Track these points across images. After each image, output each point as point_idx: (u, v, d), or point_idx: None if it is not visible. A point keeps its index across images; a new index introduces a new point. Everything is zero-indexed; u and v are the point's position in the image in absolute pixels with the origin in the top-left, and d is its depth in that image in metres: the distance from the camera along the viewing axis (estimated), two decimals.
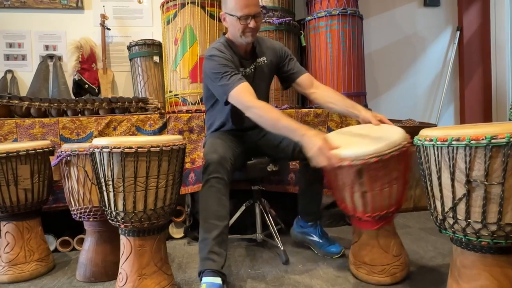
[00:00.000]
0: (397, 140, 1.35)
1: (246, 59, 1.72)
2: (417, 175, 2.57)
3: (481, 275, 1.07)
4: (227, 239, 1.46)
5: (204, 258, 1.40)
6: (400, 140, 1.36)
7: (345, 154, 1.32)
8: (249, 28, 1.58)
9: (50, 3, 2.88)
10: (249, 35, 1.60)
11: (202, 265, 1.40)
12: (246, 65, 1.71)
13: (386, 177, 1.37)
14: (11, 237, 1.66)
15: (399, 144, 1.35)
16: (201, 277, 1.39)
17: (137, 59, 2.75)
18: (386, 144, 1.33)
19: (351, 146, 1.38)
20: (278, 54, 1.77)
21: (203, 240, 1.43)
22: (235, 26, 1.60)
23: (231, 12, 1.58)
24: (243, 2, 1.54)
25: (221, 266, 1.39)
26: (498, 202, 0.98)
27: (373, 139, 1.39)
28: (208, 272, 1.37)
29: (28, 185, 1.64)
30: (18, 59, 2.88)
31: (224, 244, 1.43)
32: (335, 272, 1.60)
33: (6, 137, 2.01)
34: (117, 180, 1.29)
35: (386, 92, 3.36)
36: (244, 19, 1.56)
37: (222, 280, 1.37)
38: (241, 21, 1.56)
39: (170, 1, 2.37)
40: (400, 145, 1.35)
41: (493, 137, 0.95)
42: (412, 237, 2.04)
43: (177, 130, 2.19)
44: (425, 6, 3.39)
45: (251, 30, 1.59)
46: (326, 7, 2.58)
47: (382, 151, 1.31)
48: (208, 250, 1.40)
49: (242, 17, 1.56)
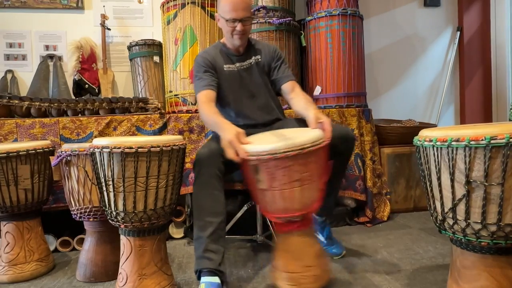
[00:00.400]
0: (301, 141, 1.28)
1: (239, 56, 1.75)
2: (417, 175, 2.58)
3: (481, 275, 1.07)
4: (223, 235, 1.43)
5: (200, 257, 1.38)
6: (304, 142, 1.28)
7: (247, 149, 1.30)
8: (236, 31, 1.63)
9: (51, 3, 2.88)
10: (237, 37, 1.65)
11: (198, 264, 1.39)
12: (237, 61, 1.74)
13: (285, 178, 1.31)
14: (11, 237, 1.66)
15: (301, 145, 1.27)
16: (198, 276, 1.38)
17: (137, 59, 2.75)
18: (284, 144, 1.27)
19: (260, 143, 1.34)
20: (271, 55, 1.78)
21: (197, 239, 1.41)
22: (224, 28, 1.67)
23: (221, 14, 1.65)
24: (231, 6, 1.59)
25: (218, 264, 1.37)
26: (498, 202, 0.98)
27: (282, 139, 1.34)
28: (206, 271, 1.36)
29: (28, 185, 1.65)
30: (19, 59, 2.88)
31: (221, 241, 1.41)
32: (334, 274, 1.60)
33: (6, 137, 2.01)
34: (117, 180, 1.29)
35: (386, 92, 3.37)
36: (232, 22, 1.61)
37: (220, 278, 1.36)
38: (229, 23, 1.62)
39: (170, 1, 2.37)
40: (301, 147, 1.27)
41: (493, 138, 0.95)
42: (412, 237, 2.04)
43: (177, 130, 2.20)
44: (425, 6, 3.39)
45: (238, 33, 1.63)
46: (327, 7, 2.58)
47: (277, 149, 1.26)
48: (203, 249, 1.38)
49: (229, 20, 1.61)
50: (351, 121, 2.42)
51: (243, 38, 1.67)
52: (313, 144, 1.30)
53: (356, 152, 2.37)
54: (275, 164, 1.29)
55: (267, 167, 1.31)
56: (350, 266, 1.66)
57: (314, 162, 1.35)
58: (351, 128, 2.40)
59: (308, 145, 1.29)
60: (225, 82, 1.72)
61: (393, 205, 2.55)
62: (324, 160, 1.40)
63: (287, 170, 1.30)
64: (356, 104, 2.56)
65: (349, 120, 2.42)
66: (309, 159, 1.31)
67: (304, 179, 1.33)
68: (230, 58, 1.75)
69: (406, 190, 2.61)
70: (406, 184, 2.60)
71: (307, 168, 1.32)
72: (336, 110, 2.42)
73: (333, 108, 2.49)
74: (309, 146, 1.29)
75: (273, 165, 1.30)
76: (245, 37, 1.68)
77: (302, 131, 1.46)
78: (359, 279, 1.53)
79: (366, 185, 2.36)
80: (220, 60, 1.73)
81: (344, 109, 2.44)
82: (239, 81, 1.73)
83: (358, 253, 1.83)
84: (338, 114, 2.40)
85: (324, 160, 1.40)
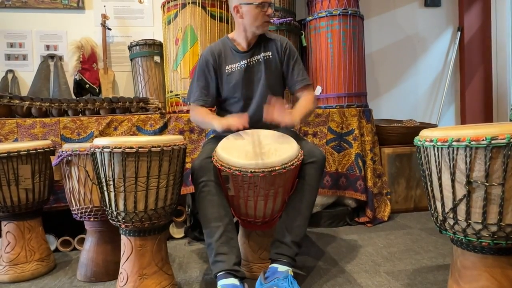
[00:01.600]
0: (272, 162, 1.34)
1: (246, 53, 1.71)
2: (417, 175, 2.58)
3: (482, 276, 1.07)
4: (234, 236, 1.42)
5: (213, 262, 1.38)
6: (274, 164, 1.34)
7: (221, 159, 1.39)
8: (266, 17, 1.63)
9: (51, 3, 2.88)
10: (266, 23, 1.65)
11: (213, 269, 1.37)
12: (243, 59, 1.70)
13: (251, 192, 1.40)
14: (12, 237, 1.66)
15: (271, 167, 1.33)
16: (217, 282, 1.35)
17: (138, 59, 2.75)
18: (255, 163, 1.33)
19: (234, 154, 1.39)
20: (284, 52, 1.72)
21: (208, 246, 1.41)
22: (252, 14, 1.62)
23: (248, 0, 1.61)
24: None
25: (232, 264, 1.35)
26: (499, 203, 0.98)
27: (255, 155, 1.39)
28: (221, 274, 1.34)
29: (29, 185, 1.65)
30: (19, 59, 2.88)
31: (232, 242, 1.40)
32: (333, 274, 1.60)
33: (7, 137, 2.01)
34: (118, 180, 1.29)
35: (387, 93, 3.36)
36: (262, 6, 1.61)
37: (237, 277, 1.33)
38: (259, 8, 1.61)
39: (171, 1, 2.37)
40: (271, 169, 1.33)
41: (493, 138, 0.95)
42: (413, 238, 2.04)
43: (178, 130, 2.20)
44: (426, 7, 3.39)
45: (267, 18, 1.64)
46: (327, 7, 2.58)
47: (246, 167, 1.33)
48: (215, 253, 1.37)
49: (260, 4, 1.60)
50: (351, 121, 2.42)
51: (267, 25, 1.68)
52: (282, 166, 1.35)
53: (356, 152, 2.38)
54: (242, 179, 1.38)
55: (236, 180, 1.40)
56: (351, 266, 1.66)
57: (282, 180, 1.41)
58: (352, 128, 2.41)
59: (278, 167, 1.34)
60: (226, 84, 1.70)
61: (394, 205, 2.55)
62: (292, 179, 1.47)
63: (253, 186, 1.38)
64: (356, 104, 2.56)
65: (350, 120, 2.42)
66: (276, 179, 1.39)
67: (269, 194, 1.43)
68: (236, 55, 1.71)
69: (406, 190, 2.61)
70: (406, 184, 2.60)
71: (273, 186, 1.41)
72: (337, 110, 2.42)
73: (333, 108, 2.49)
74: (278, 169, 1.34)
75: (241, 179, 1.38)
76: (268, 24, 1.69)
77: (281, 143, 1.47)
78: (359, 279, 1.53)
79: (367, 185, 2.36)
80: (225, 58, 1.70)
81: (344, 109, 2.44)
82: (241, 81, 1.69)
83: (358, 253, 1.83)
84: (338, 114, 2.41)
85: (292, 178, 1.47)
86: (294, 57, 1.73)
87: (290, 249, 1.45)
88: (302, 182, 1.49)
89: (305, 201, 1.49)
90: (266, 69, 1.70)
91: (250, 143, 1.47)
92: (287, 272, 1.39)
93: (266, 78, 1.69)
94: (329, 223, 2.34)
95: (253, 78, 1.71)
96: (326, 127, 2.40)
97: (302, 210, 1.49)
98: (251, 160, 1.35)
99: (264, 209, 1.47)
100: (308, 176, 1.48)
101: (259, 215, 1.49)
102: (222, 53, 1.71)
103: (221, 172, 1.41)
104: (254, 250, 1.57)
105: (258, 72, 1.71)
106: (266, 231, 1.57)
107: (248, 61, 1.70)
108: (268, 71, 1.71)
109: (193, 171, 1.47)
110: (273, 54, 1.72)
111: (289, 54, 1.72)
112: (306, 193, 1.48)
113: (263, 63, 1.70)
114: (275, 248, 1.47)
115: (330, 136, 2.40)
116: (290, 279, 1.35)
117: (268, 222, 1.54)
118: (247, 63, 1.70)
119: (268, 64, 1.71)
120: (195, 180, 1.46)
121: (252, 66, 1.71)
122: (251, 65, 1.71)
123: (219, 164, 1.38)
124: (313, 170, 1.48)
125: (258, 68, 1.71)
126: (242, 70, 1.69)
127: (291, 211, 1.49)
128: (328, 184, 2.37)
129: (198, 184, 1.44)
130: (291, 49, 1.74)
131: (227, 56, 1.71)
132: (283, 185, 1.43)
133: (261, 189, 1.39)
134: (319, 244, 2.01)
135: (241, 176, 1.35)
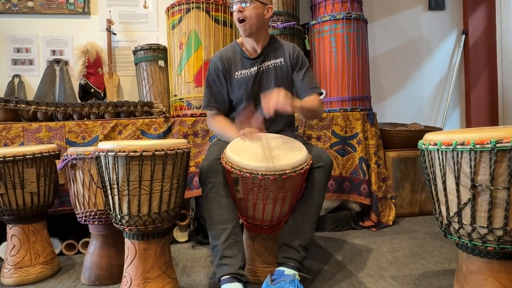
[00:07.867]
0: (282, 166, 1.35)
1: (255, 59, 1.69)
2: (422, 179, 2.56)
3: (488, 280, 1.06)
4: (240, 239, 1.41)
5: (217, 265, 1.37)
6: (284, 168, 1.35)
7: (231, 161, 1.39)
8: (235, 15, 1.62)
9: (57, 8, 2.92)
10: (239, 23, 1.62)
11: (217, 272, 1.37)
12: (252, 65, 1.69)
13: (260, 195, 1.40)
14: (17, 240, 1.67)
15: (281, 170, 1.34)
16: (220, 286, 1.35)
17: (143, 64, 2.78)
18: (265, 166, 1.34)
19: (244, 156, 1.39)
20: (295, 59, 1.71)
21: (213, 248, 1.40)
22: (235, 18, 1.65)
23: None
24: None
25: (237, 268, 1.34)
26: (504, 207, 0.97)
27: (265, 158, 1.39)
28: (225, 278, 1.33)
29: (34, 188, 1.66)
30: (26, 64, 2.92)
31: (238, 245, 1.38)
32: (338, 279, 1.59)
33: (13, 141, 2.03)
34: (122, 184, 1.30)
35: (391, 96, 3.36)
36: (232, 7, 1.63)
37: (241, 282, 1.32)
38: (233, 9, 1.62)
39: (175, 6, 2.39)
40: (281, 172, 1.34)
41: (498, 141, 0.94)
42: (418, 242, 2.02)
43: (182, 134, 2.20)
44: (430, 10, 3.39)
45: (236, 15, 1.61)
46: (331, 11, 2.59)
47: (257, 170, 1.34)
48: (220, 256, 1.36)
49: (232, 5, 1.63)
50: (355, 125, 2.41)
51: (245, 26, 1.62)
52: (293, 170, 1.36)
53: (360, 156, 2.37)
54: (253, 182, 1.38)
55: (245, 183, 1.40)
56: (355, 271, 1.65)
57: (291, 184, 1.41)
58: (356, 132, 2.40)
59: (288, 171, 1.36)
60: (236, 90, 1.69)
61: (398, 209, 2.53)
62: (300, 183, 1.47)
63: (263, 189, 1.38)
64: (360, 107, 2.55)
65: (354, 124, 2.42)
66: (286, 182, 1.39)
67: (278, 198, 1.43)
68: (246, 61, 1.70)
69: (411, 194, 2.59)
70: (411, 188, 2.58)
71: (283, 190, 1.41)
72: (341, 114, 2.42)
73: (337, 111, 2.49)
74: (289, 172, 1.35)
75: (251, 182, 1.38)
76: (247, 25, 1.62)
77: (290, 147, 1.48)
78: (364, 284, 1.51)
79: (371, 189, 2.35)
80: (234, 63, 1.69)
81: (348, 113, 2.44)
82: (251, 87, 1.68)
83: (363, 258, 1.82)
84: (342, 117, 2.40)
85: (300, 182, 1.47)
86: (305, 65, 1.72)
87: (298, 253, 1.45)
88: (310, 186, 1.49)
89: (313, 206, 1.49)
90: (277, 75, 1.70)
91: (260, 146, 1.47)
92: (294, 275, 1.38)
93: (276, 84, 1.67)
94: (334, 227, 2.32)
95: (263, 84, 1.70)
96: (330, 131, 2.40)
97: (310, 214, 1.49)
98: (262, 163, 1.35)
99: (272, 213, 1.46)
100: (316, 181, 1.48)
101: (266, 218, 1.48)
102: (231, 59, 1.70)
103: (231, 174, 1.40)
104: (259, 253, 1.56)
105: (268, 78, 1.70)
106: (271, 234, 1.56)
107: (259, 67, 1.69)
108: (278, 77, 1.70)
109: (201, 172, 1.45)
110: (284, 61, 1.71)
111: (301, 62, 1.71)
112: (314, 198, 1.49)
113: (274, 70, 1.70)
114: (282, 252, 1.47)
115: (334, 140, 2.40)
116: (296, 283, 1.34)
117: (274, 225, 1.53)
118: (257, 70, 1.69)
119: (278, 71, 1.70)
120: (203, 181, 1.44)
121: (262, 72, 1.70)
122: (261, 71, 1.70)
123: (229, 166, 1.38)
124: (321, 175, 1.48)
125: (268, 75, 1.70)
126: (252, 76, 1.69)
127: (299, 215, 1.49)
128: (332, 188, 2.36)
129: (206, 185, 1.43)
130: (302, 57, 1.73)
131: (236, 62, 1.70)
132: (292, 189, 1.43)
133: (270, 192, 1.39)
134: (324, 248, 2.00)
135: (251, 178, 1.35)
